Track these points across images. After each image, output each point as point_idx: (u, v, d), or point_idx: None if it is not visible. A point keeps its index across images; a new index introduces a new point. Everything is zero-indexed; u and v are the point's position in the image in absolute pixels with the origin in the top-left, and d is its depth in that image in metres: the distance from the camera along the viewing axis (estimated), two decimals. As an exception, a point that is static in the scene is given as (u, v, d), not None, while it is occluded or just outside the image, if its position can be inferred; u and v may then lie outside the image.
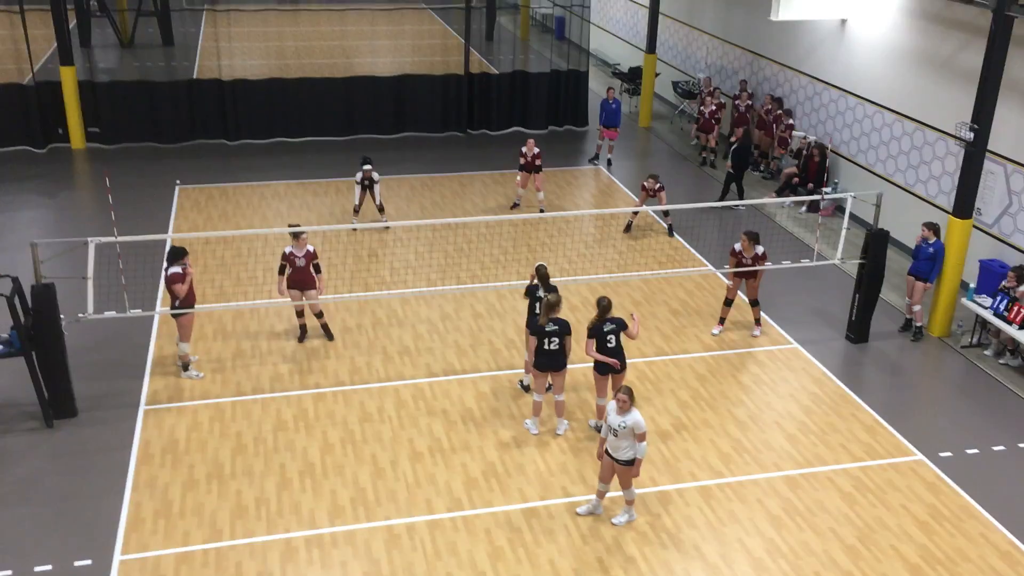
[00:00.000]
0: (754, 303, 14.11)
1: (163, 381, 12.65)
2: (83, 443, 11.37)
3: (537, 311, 11.85)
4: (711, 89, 23.01)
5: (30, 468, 10.89)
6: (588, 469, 11.03)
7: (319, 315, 13.67)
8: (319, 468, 11.01)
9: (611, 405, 9.71)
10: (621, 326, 11.18)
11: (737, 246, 13.77)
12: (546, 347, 11.25)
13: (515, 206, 18.79)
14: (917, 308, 14.20)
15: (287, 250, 13.13)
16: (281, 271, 13.16)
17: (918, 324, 14.27)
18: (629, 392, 9.57)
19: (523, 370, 12.78)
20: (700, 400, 12.60)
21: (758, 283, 13.97)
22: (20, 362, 11.54)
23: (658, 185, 17.10)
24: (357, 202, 17.24)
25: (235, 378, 12.79)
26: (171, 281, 12.25)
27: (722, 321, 14.26)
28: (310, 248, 13.18)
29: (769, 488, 10.89)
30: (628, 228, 17.80)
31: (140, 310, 12.98)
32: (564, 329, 11.26)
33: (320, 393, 12.51)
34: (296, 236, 13.11)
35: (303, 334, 13.70)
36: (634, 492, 10.14)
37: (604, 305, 11.12)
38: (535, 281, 12.25)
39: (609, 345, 11.13)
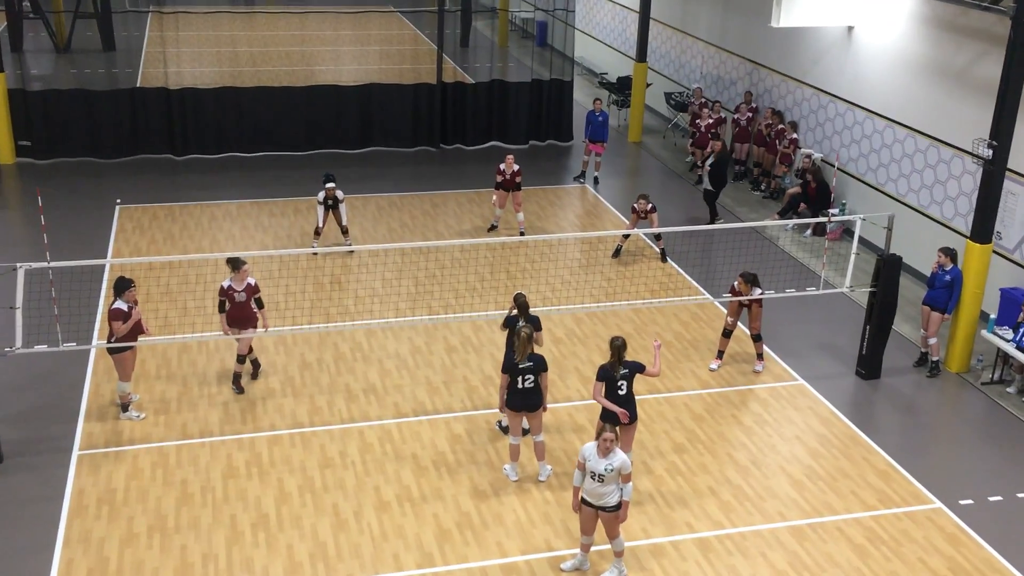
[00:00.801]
0: (756, 337, 14.20)
1: (99, 423, 12.52)
2: (9, 493, 11.21)
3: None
4: (702, 100, 23.26)
5: (-52, 521, 10.73)
6: (573, 519, 10.99)
7: (240, 359, 13.23)
8: (274, 520, 10.91)
9: (590, 448, 9.68)
10: (636, 370, 11.10)
11: (735, 284, 13.88)
12: (520, 385, 11.23)
13: (492, 228, 18.85)
14: (933, 341, 14.32)
15: (225, 284, 12.87)
16: (221, 308, 12.91)
17: (934, 358, 14.39)
18: (615, 430, 9.61)
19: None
20: (697, 442, 12.62)
21: (759, 319, 14.06)
22: (-62, 402, 11.42)
23: (649, 206, 17.22)
24: (320, 223, 17.23)
25: (180, 419, 12.68)
26: (112, 317, 12.14)
27: (720, 355, 14.33)
28: (251, 281, 12.95)
29: (773, 540, 10.90)
30: (617, 253, 17.90)
31: (75, 344, 12.90)
32: (539, 365, 11.26)
33: (276, 436, 12.42)
34: (236, 267, 12.84)
35: (256, 370, 13.62)
36: (623, 542, 10.12)
37: (618, 346, 10.98)
38: (514, 311, 12.27)
39: (620, 392, 11.04)
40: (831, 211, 16.10)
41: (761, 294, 13.94)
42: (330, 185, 17.13)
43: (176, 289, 15.67)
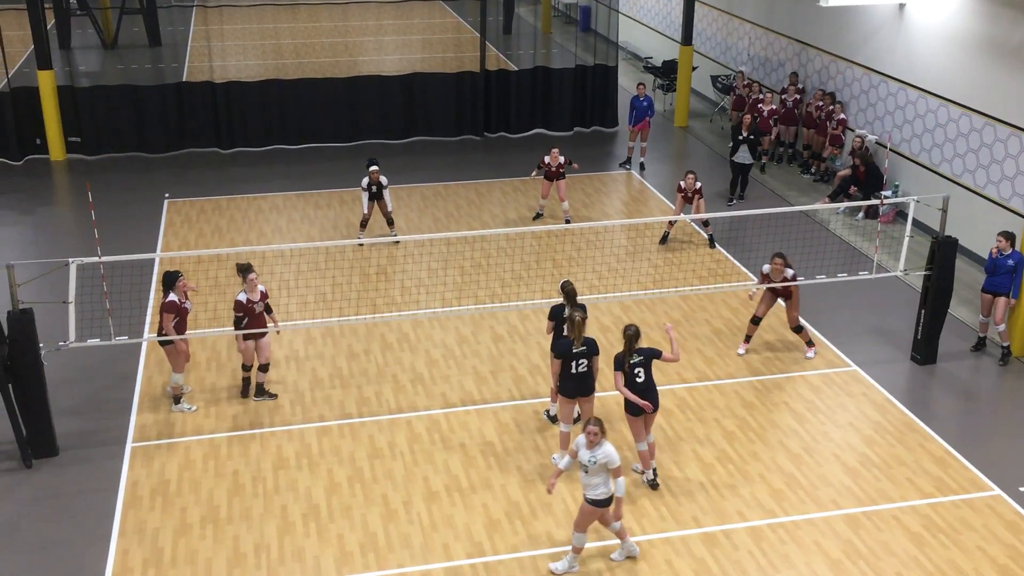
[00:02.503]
0: (796, 330, 14.04)
1: (152, 415, 12.73)
2: (65, 485, 11.45)
3: (563, 333, 11.91)
4: (746, 83, 23.03)
5: (7, 513, 10.98)
6: (624, 508, 10.97)
7: (265, 368, 12.91)
8: (324, 510, 11.02)
9: (580, 439, 9.71)
10: (651, 356, 11.04)
11: (766, 268, 13.74)
12: (574, 370, 11.25)
13: (538, 216, 18.82)
14: (1002, 328, 13.99)
15: (242, 298, 12.44)
16: (238, 324, 12.49)
17: (1005, 344, 14.07)
18: (600, 424, 9.59)
19: (548, 399, 12.77)
20: (748, 430, 12.53)
21: (796, 308, 13.90)
22: (-4, 396, 11.67)
23: (698, 184, 17.02)
24: (365, 211, 17.25)
25: (231, 411, 12.85)
26: (164, 309, 12.29)
27: (748, 339, 14.23)
28: (262, 288, 12.74)
29: (827, 529, 10.80)
30: (664, 239, 17.79)
31: (127, 337, 13.09)
32: (592, 349, 11.25)
33: (325, 427, 12.55)
34: (245, 275, 12.45)
35: (247, 388, 13.07)
36: (583, 538, 9.99)
37: (630, 335, 10.95)
38: (562, 299, 12.26)
39: (637, 380, 11.00)
40: (883, 193, 15.87)
41: (794, 274, 13.75)
42: (374, 168, 17.10)
43: (225, 282, 15.86)
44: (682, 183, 17.25)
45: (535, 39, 34.16)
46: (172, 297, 12.31)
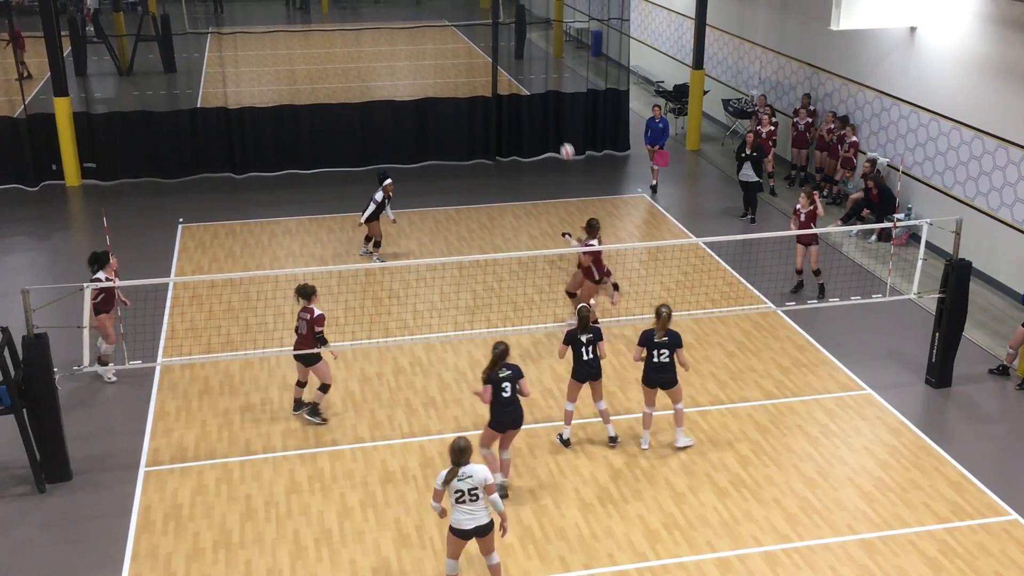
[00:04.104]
0: (570, 295, 14.81)
1: (165, 440, 12.75)
2: (78, 509, 11.47)
3: (585, 357, 12.16)
4: (766, 107, 23.05)
5: (20, 538, 10.99)
6: (637, 533, 10.94)
7: (303, 384, 13.20)
8: (337, 535, 11.00)
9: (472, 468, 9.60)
10: (518, 376, 11.32)
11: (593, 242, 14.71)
12: (656, 359, 12.02)
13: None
14: None
15: (322, 313, 12.64)
16: (323, 342, 12.64)
17: None
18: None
19: (562, 422, 12.74)
20: (762, 454, 12.47)
21: (590, 285, 14.49)
22: (9, 420, 11.69)
23: (813, 206, 16.32)
24: (364, 222, 17.43)
25: (243, 435, 12.86)
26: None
27: None
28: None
29: (843, 553, 10.71)
30: (798, 288, 16.85)
31: (140, 362, 13.15)
32: (674, 340, 12.06)
33: (337, 451, 12.54)
34: (312, 296, 12.60)
35: (309, 408, 13.22)
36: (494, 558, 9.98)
37: (498, 352, 11.14)
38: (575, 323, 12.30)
39: (504, 394, 11.20)
40: (896, 216, 15.83)
41: (596, 245, 14.50)
42: (389, 181, 17.58)
43: (238, 306, 15.92)
44: (798, 206, 16.56)
45: (547, 64, 34.32)
46: (100, 275, 13.27)
